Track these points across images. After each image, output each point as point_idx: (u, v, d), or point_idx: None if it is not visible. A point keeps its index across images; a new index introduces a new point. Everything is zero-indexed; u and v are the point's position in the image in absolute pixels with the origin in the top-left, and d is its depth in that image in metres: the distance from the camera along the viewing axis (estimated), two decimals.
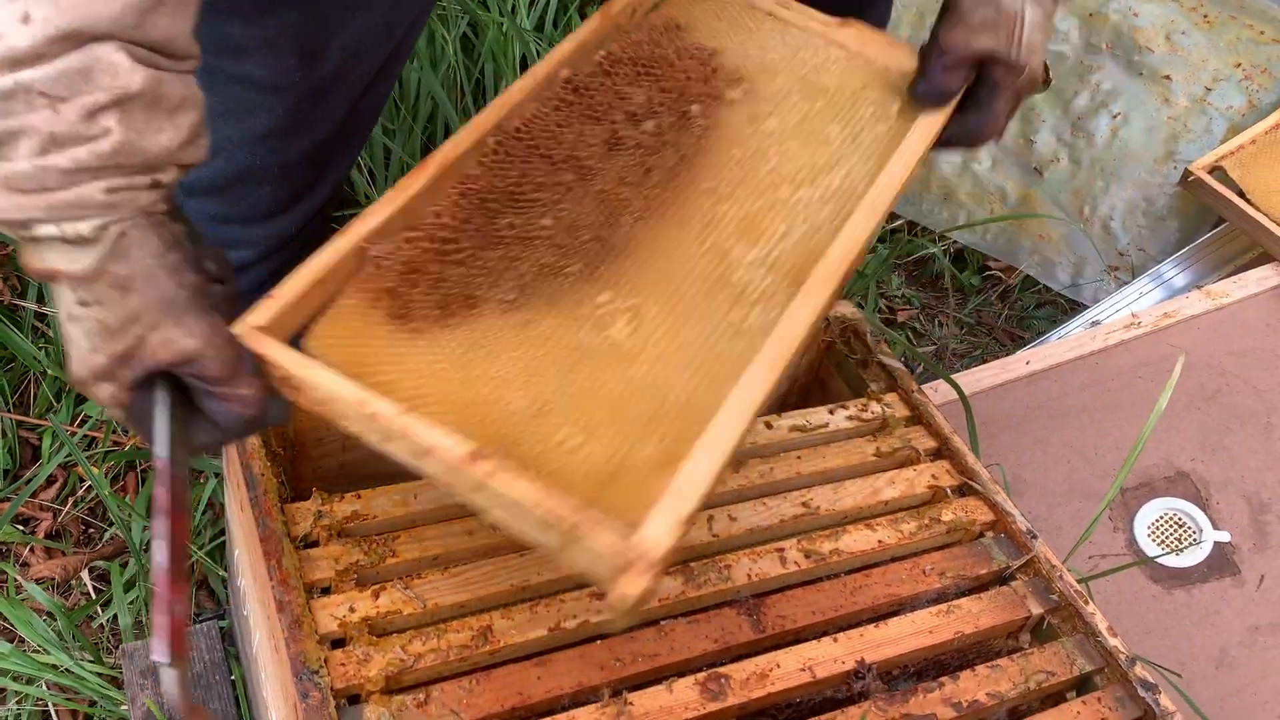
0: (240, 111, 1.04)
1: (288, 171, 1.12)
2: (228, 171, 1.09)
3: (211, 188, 1.12)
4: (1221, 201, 1.62)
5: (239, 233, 1.16)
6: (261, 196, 1.13)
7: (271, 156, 1.09)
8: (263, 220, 1.16)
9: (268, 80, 1.01)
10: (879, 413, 1.11)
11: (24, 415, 1.57)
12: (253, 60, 1.01)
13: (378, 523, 0.89)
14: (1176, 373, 1.03)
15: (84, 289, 0.64)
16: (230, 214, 1.14)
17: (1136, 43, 1.78)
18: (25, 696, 1.31)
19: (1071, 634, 0.97)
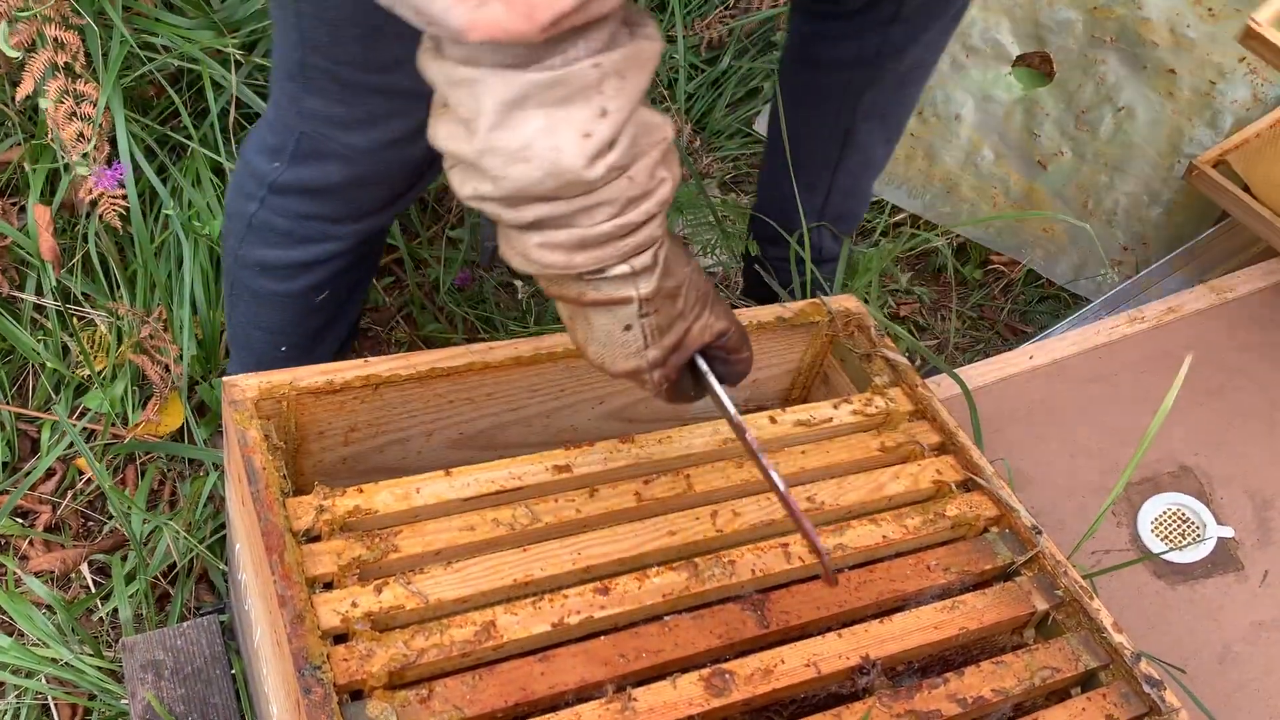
0: (371, 121, 1.05)
1: (401, 173, 1.12)
2: (342, 176, 1.10)
3: (318, 190, 1.12)
4: (1226, 196, 1.61)
5: (327, 229, 1.16)
6: (366, 198, 1.13)
7: (393, 161, 1.09)
8: (356, 219, 1.15)
9: (412, 89, 1.01)
10: (883, 407, 1.10)
11: (22, 408, 1.56)
12: (400, 73, 0.99)
13: (380, 517, 0.89)
14: (1183, 371, 1.02)
15: (646, 305, 0.78)
16: (325, 213, 1.14)
17: (1141, 36, 1.77)
18: (25, 690, 1.31)
19: (1076, 630, 0.97)
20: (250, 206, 1.16)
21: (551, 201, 0.71)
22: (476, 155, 0.69)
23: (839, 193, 1.54)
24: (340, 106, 1.03)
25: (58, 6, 1.47)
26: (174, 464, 1.56)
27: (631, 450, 0.99)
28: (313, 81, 1.03)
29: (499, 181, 0.70)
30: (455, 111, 0.70)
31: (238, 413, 0.92)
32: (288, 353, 1.29)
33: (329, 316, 1.28)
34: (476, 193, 0.72)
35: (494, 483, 0.93)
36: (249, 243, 1.19)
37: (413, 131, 1.06)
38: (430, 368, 1.01)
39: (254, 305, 1.25)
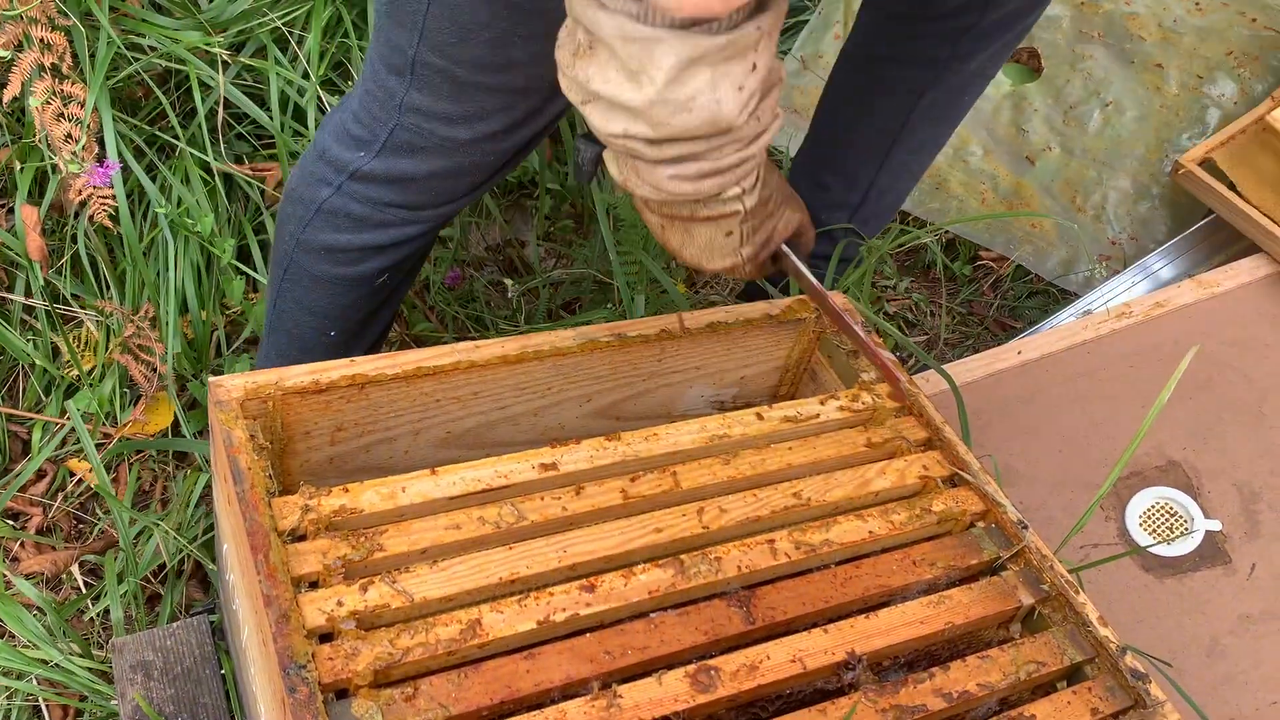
0: (478, 117, 1.07)
1: (495, 162, 1.14)
2: (431, 168, 1.12)
3: (405, 180, 1.13)
4: (1212, 194, 1.62)
5: (405, 215, 1.17)
6: (452, 187, 1.15)
7: (490, 152, 1.11)
8: (438, 206, 1.17)
9: (524, 87, 1.06)
10: (870, 403, 1.11)
11: (13, 409, 1.56)
12: (518, 72, 1.03)
13: (365, 516, 0.89)
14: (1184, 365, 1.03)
15: (748, 215, 0.91)
16: (406, 201, 1.16)
17: (1128, 31, 1.77)
18: (15, 692, 1.31)
19: (1062, 624, 0.97)
20: (324, 192, 1.17)
21: (693, 141, 0.80)
22: (646, 105, 0.77)
23: (877, 190, 1.53)
24: (448, 103, 1.06)
25: (44, 7, 1.47)
26: (165, 464, 1.56)
27: (618, 448, 0.99)
28: (422, 78, 1.04)
29: (659, 127, 0.79)
30: (622, 61, 0.76)
31: (223, 413, 0.93)
32: (336, 338, 1.29)
33: (382, 300, 1.29)
34: (627, 132, 0.80)
35: (480, 481, 0.93)
36: (315, 226, 1.19)
37: (513, 124, 1.09)
38: (416, 367, 1.01)
39: (311, 290, 1.25)
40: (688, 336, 1.12)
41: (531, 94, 1.07)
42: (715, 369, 1.18)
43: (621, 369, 1.12)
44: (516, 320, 1.83)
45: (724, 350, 1.17)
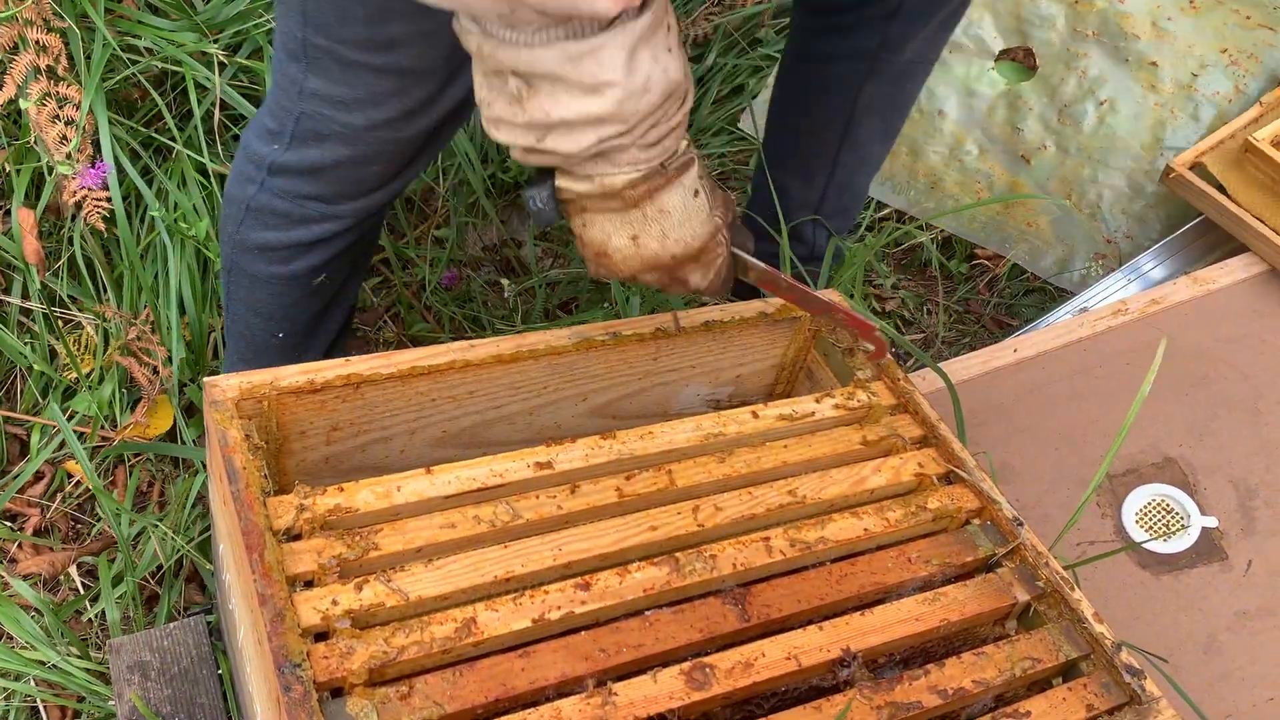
0: (371, 101, 1.07)
1: (400, 151, 1.14)
2: (338, 156, 1.12)
3: (316, 171, 1.14)
4: (1203, 198, 1.62)
5: (325, 210, 1.18)
6: (364, 177, 1.15)
7: (391, 139, 1.11)
8: (355, 198, 1.17)
9: (412, 68, 1.05)
10: (865, 401, 1.11)
11: (10, 411, 1.57)
12: (402, 52, 1.03)
13: (360, 515, 0.89)
14: (1158, 358, 1.03)
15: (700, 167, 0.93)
16: (323, 194, 1.16)
17: (1123, 29, 1.77)
18: (13, 693, 1.31)
19: (1058, 620, 0.98)
20: (249, 190, 1.18)
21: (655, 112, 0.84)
22: (616, 105, 0.81)
23: (835, 188, 1.55)
24: (342, 87, 1.06)
25: (39, 9, 1.47)
26: (163, 466, 1.56)
27: (613, 446, 0.99)
28: (315, 62, 1.05)
29: (631, 118, 0.82)
30: (573, 82, 0.80)
31: (218, 413, 0.93)
32: (284, 340, 1.30)
33: (326, 301, 1.29)
34: (600, 139, 0.83)
35: (475, 480, 0.93)
36: (248, 226, 1.20)
37: (409, 111, 1.09)
38: (411, 366, 1.01)
39: (252, 291, 1.26)
40: (683, 335, 1.13)
41: (423, 77, 1.06)
42: (711, 367, 1.18)
43: (617, 368, 1.12)
44: (513, 320, 1.83)
45: (719, 349, 1.17)
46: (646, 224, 0.91)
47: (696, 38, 2.26)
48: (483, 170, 1.92)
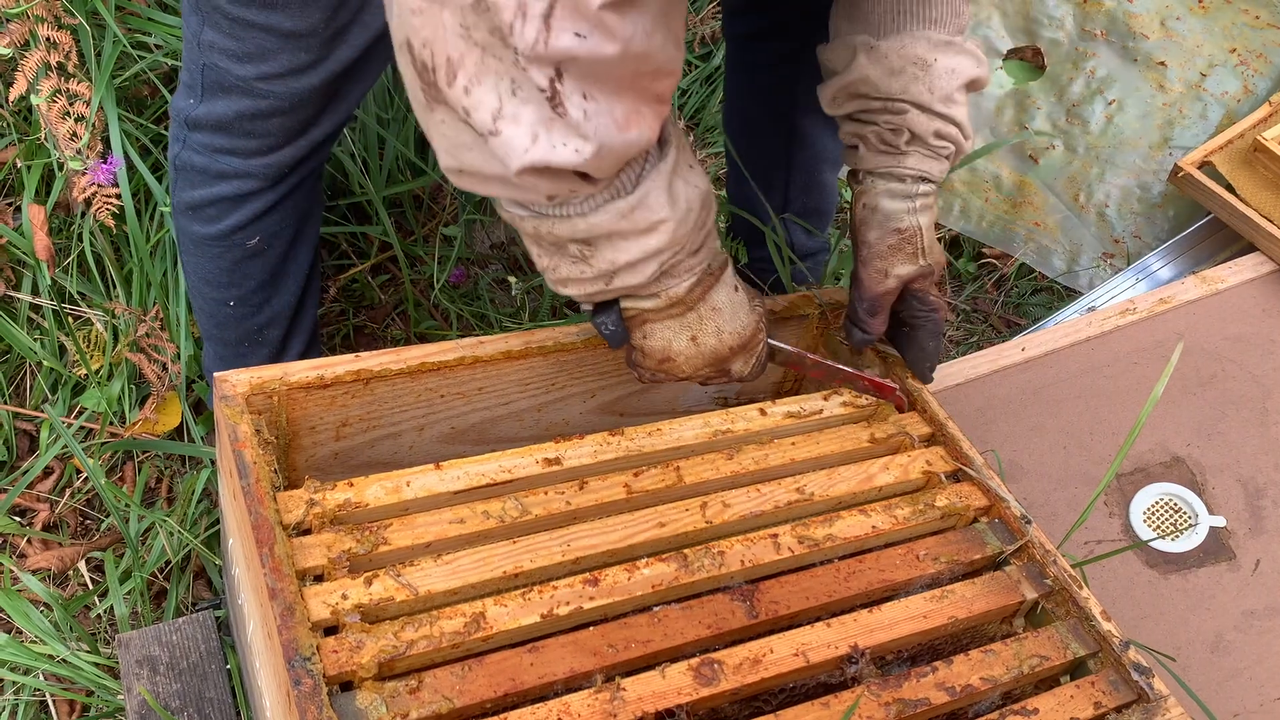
0: (259, 56, 1.11)
1: (298, 105, 1.17)
2: (240, 109, 1.16)
3: (221, 123, 1.18)
4: (1212, 198, 1.61)
5: (239, 164, 1.21)
6: (269, 129, 1.18)
7: (285, 93, 1.14)
8: (265, 153, 1.21)
9: (293, 29, 1.09)
10: (872, 400, 1.11)
11: (20, 407, 1.57)
12: (282, 13, 1.07)
13: (369, 510, 0.89)
14: (1174, 359, 1.03)
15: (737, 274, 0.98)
16: (234, 147, 1.20)
17: (1131, 29, 1.77)
18: (22, 687, 1.31)
19: (1065, 618, 0.98)
20: (175, 148, 1.24)
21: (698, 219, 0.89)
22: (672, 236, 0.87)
23: (797, 189, 1.57)
24: (230, 40, 1.10)
25: (50, 6, 1.48)
26: (171, 462, 1.57)
27: (621, 443, 0.99)
28: (208, 15, 1.10)
29: (681, 239, 0.88)
30: (628, 229, 0.84)
31: (229, 408, 0.93)
32: (237, 309, 1.34)
33: (270, 269, 1.32)
34: (661, 263, 0.88)
35: (484, 476, 0.93)
36: (179, 186, 1.26)
37: (296, 68, 1.12)
38: (420, 362, 1.01)
39: (196, 256, 1.31)
40: None
41: (304, 38, 1.10)
42: None
43: (624, 365, 1.12)
44: (521, 318, 1.84)
45: None
46: (702, 323, 0.95)
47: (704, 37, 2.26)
48: None
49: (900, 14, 1.03)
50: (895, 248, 1.08)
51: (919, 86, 1.03)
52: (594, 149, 0.74)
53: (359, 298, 1.83)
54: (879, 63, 1.03)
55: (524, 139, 0.73)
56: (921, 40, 1.02)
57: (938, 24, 1.03)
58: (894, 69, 1.03)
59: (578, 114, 0.72)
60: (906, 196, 1.07)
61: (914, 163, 1.06)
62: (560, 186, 0.79)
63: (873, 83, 1.05)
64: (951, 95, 1.03)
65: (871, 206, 1.08)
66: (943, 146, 1.06)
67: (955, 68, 1.02)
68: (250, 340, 1.37)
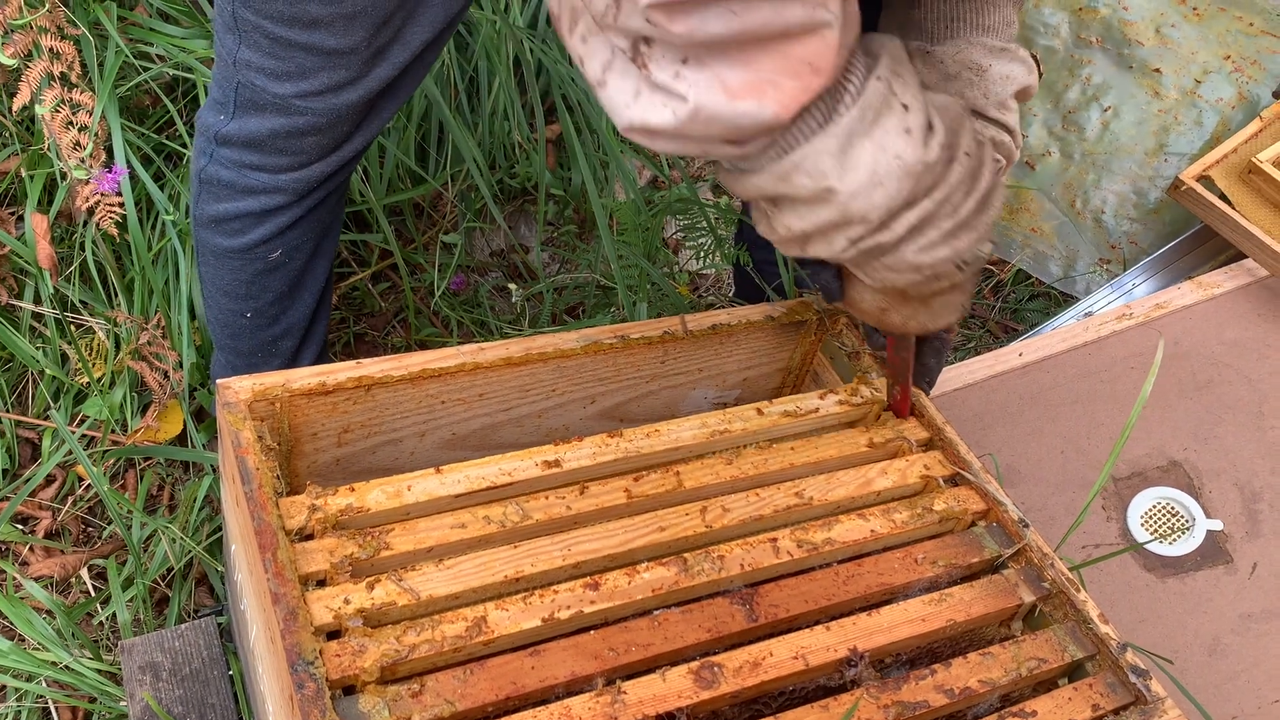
0: (299, 74, 1.12)
1: (335, 123, 1.17)
2: (274, 126, 1.16)
3: (255, 141, 1.18)
4: (1211, 211, 1.62)
5: (267, 180, 1.22)
6: (303, 147, 1.19)
7: (323, 110, 1.15)
8: (296, 169, 1.21)
9: (335, 48, 1.09)
10: (869, 396, 1.12)
11: (22, 415, 1.58)
12: (325, 31, 1.07)
13: (372, 515, 0.90)
14: (1158, 357, 1.04)
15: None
16: (265, 164, 1.21)
17: (1126, 36, 1.78)
18: (25, 694, 1.32)
19: (1063, 621, 0.98)
20: (202, 161, 1.24)
21: (916, 205, 0.79)
22: (844, 208, 0.78)
23: None
24: (270, 59, 1.11)
25: (53, 17, 1.49)
26: (173, 469, 1.57)
27: (620, 444, 1.00)
28: (246, 34, 1.10)
29: (869, 214, 0.78)
30: (798, 197, 0.78)
31: (231, 414, 0.94)
32: (253, 320, 1.34)
33: (289, 281, 1.33)
34: (850, 239, 0.81)
35: (484, 479, 0.94)
36: (203, 199, 1.26)
37: (336, 85, 1.13)
38: (422, 368, 1.02)
39: (217, 268, 1.31)
40: (690, 338, 1.13)
41: (346, 56, 1.10)
42: (718, 371, 1.19)
43: (625, 371, 1.13)
44: (521, 325, 1.85)
45: (726, 352, 1.18)
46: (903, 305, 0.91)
47: None
48: (490, 176, 1.94)
49: (954, 21, 1.02)
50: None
51: (974, 92, 1.01)
52: (689, 111, 0.70)
53: (359, 305, 1.84)
54: (934, 68, 1.02)
55: (626, 95, 0.72)
56: (977, 46, 1.01)
57: (991, 31, 1.02)
58: (949, 74, 1.01)
59: (664, 76, 0.70)
60: None
61: None
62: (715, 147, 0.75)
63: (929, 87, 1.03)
64: (1006, 101, 1.02)
65: None
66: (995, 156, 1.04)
67: (1010, 74, 1.01)
68: (264, 351, 1.38)
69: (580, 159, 1.76)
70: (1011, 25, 1.03)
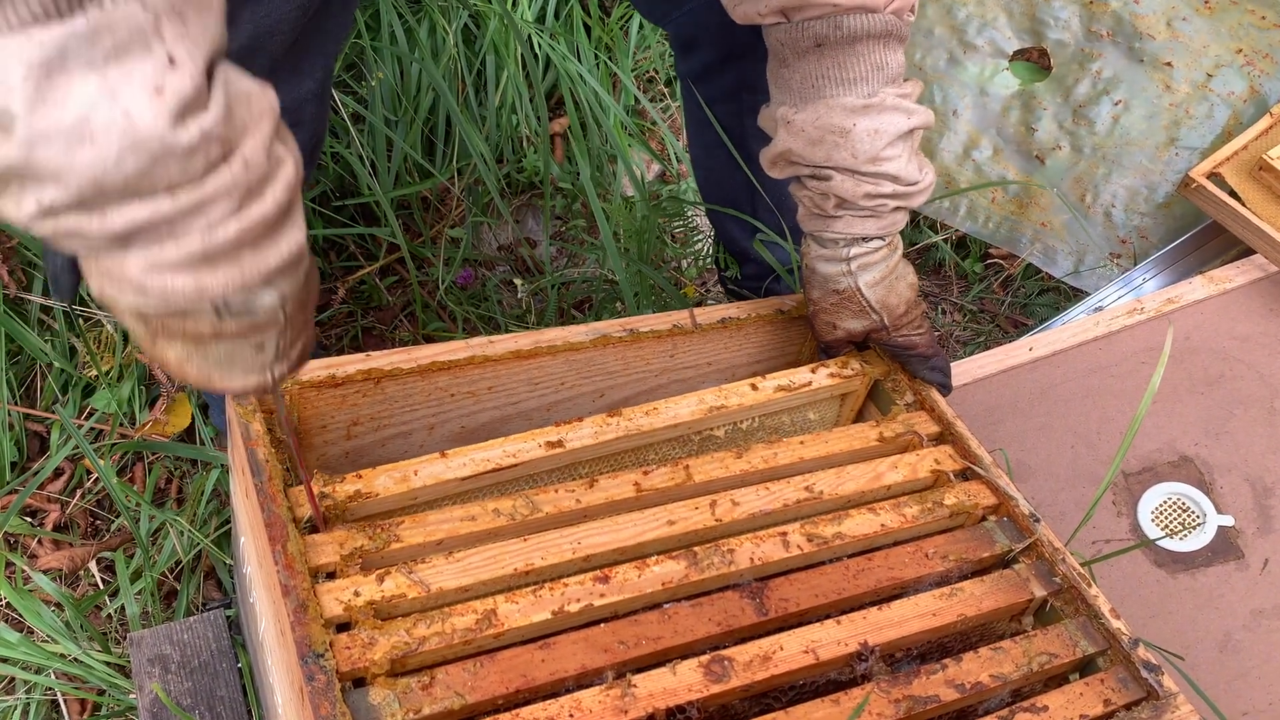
0: None
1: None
2: None
3: None
4: (1221, 209, 1.61)
5: None
6: None
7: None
8: None
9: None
10: (858, 369, 1.12)
11: (31, 408, 1.58)
12: None
13: (380, 500, 0.90)
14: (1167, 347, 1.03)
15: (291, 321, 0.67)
16: None
17: (1137, 29, 1.77)
18: (34, 686, 1.32)
19: (1074, 616, 0.98)
20: None
21: (146, 198, 0.56)
22: (26, 151, 0.53)
23: (766, 209, 1.57)
24: None
25: None
26: (181, 463, 1.57)
27: (620, 423, 1.00)
28: None
29: (66, 176, 0.54)
30: None
31: (241, 406, 0.94)
32: None
33: None
34: (41, 205, 0.55)
35: (489, 461, 0.94)
36: None
37: None
38: (431, 361, 1.02)
39: None
40: (699, 332, 1.13)
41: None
42: (726, 365, 1.19)
43: (634, 364, 1.13)
44: (527, 320, 1.84)
45: (735, 346, 1.18)
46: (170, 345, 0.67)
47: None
48: (498, 170, 1.93)
49: (817, 81, 1.00)
50: (838, 305, 1.10)
51: (842, 154, 1.01)
52: None
53: (367, 299, 1.84)
54: (798, 135, 1.02)
55: None
56: (836, 109, 1.00)
57: (856, 85, 1.00)
58: (813, 140, 1.01)
59: None
60: (840, 260, 1.07)
61: (843, 226, 1.05)
62: None
63: (797, 153, 1.04)
64: (878, 156, 1.00)
65: (810, 268, 1.10)
66: (879, 205, 1.03)
67: (878, 128, 1.00)
68: None
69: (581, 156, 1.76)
70: (885, 68, 1.00)
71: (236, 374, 0.69)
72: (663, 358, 1.14)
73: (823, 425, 1.17)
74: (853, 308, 1.09)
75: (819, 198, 1.05)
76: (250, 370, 0.69)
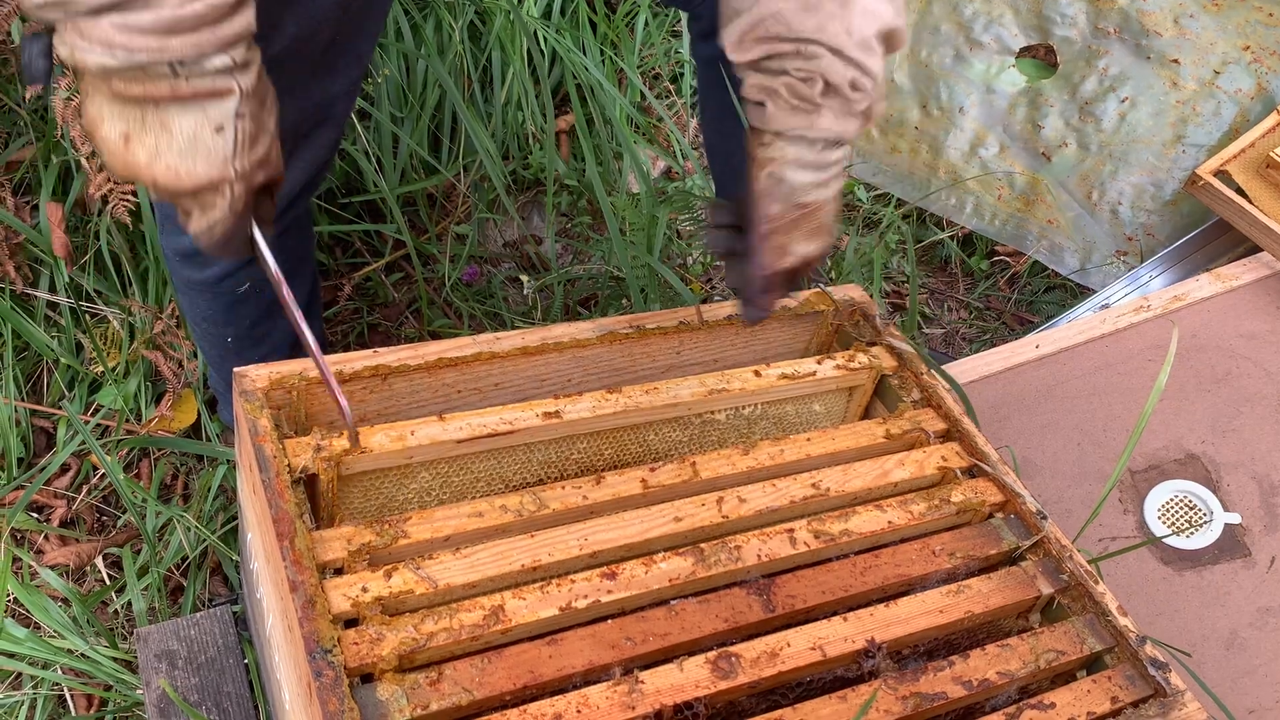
0: None
1: None
2: None
3: None
4: (1228, 206, 1.61)
5: None
6: None
7: None
8: None
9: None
10: (865, 362, 1.12)
11: (37, 404, 1.58)
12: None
13: (374, 457, 0.91)
14: (1172, 347, 1.03)
15: (245, 103, 0.75)
16: None
17: (1144, 26, 1.77)
18: (41, 681, 1.32)
19: (1081, 613, 0.98)
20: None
21: None
22: None
23: None
24: None
25: None
26: (187, 458, 1.58)
27: (619, 400, 1.01)
28: None
29: None
30: None
31: (248, 402, 0.94)
32: (235, 344, 1.33)
33: (263, 308, 1.31)
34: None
35: (485, 426, 0.95)
36: (166, 230, 1.24)
37: None
38: (438, 358, 1.02)
39: (190, 298, 1.30)
40: (706, 329, 1.13)
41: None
42: (732, 362, 1.19)
43: (640, 360, 1.13)
44: (533, 316, 1.84)
45: (741, 343, 1.18)
46: (144, 131, 0.76)
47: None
48: (503, 166, 1.93)
49: None
50: (797, 223, 0.96)
51: (836, 25, 0.89)
52: None
53: (373, 296, 1.84)
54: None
55: None
56: None
57: None
58: (809, 4, 0.89)
59: None
60: (818, 167, 0.94)
61: (828, 123, 0.92)
62: None
63: (785, 19, 0.90)
64: (869, 41, 0.90)
65: (777, 177, 0.95)
66: (859, 99, 0.91)
67: (874, 9, 0.90)
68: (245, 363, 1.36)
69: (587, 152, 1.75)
70: None
71: (200, 162, 0.75)
72: (669, 354, 1.14)
73: (829, 419, 1.17)
74: (813, 224, 0.96)
75: (802, 83, 0.91)
76: (212, 161, 0.76)
